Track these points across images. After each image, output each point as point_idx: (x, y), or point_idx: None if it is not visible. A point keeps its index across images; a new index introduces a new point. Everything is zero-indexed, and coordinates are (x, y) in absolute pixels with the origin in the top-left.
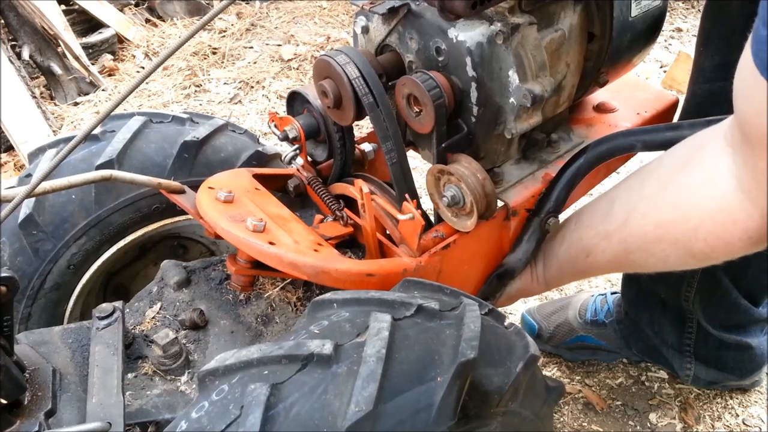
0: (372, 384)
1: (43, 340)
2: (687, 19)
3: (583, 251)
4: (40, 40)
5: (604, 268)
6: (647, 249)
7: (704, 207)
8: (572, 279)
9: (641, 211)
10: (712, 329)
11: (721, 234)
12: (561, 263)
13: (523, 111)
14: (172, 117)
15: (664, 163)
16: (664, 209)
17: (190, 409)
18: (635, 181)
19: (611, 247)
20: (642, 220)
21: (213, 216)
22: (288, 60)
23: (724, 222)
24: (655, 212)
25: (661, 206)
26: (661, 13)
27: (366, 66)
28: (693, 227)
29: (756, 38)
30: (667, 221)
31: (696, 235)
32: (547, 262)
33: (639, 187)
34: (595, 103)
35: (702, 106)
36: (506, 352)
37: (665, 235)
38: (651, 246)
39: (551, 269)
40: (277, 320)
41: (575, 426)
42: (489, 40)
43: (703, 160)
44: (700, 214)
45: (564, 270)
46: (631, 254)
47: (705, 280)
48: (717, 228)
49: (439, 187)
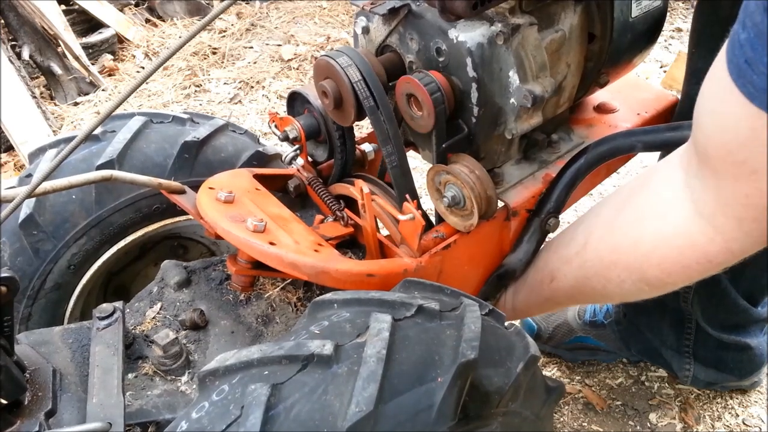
0: (372, 384)
1: (44, 340)
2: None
3: (548, 276)
4: (40, 40)
5: (567, 294)
6: (604, 274)
7: (657, 233)
8: (540, 308)
9: (597, 236)
10: (712, 330)
11: (677, 259)
12: (530, 287)
13: (523, 111)
14: (172, 117)
15: (624, 188)
16: (618, 234)
17: (191, 409)
18: (599, 206)
19: (572, 272)
20: (598, 245)
21: (213, 216)
22: (288, 60)
23: (680, 246)
24: (610, 237)
25: (615, 231)
26: (661, 14)
27: (368, 69)
28: (645, 252)
29: (732, 43)
30: (620, 246)
31: (649, 261)
32: (518, 286)
33: (598, 211)
34: (595, 103)
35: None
36: (506, 353)
37: (619, 260)
38: (607, 271)
39: (519, 294)
40: (278, 320)
41: (575, 426)
42: (489, 41)
43: (654, 185)
44: (652, 240)
45: (532, 295)
46: (589, 280)
47: (704, 281)
48: (672, 253)
49: (439, 187)
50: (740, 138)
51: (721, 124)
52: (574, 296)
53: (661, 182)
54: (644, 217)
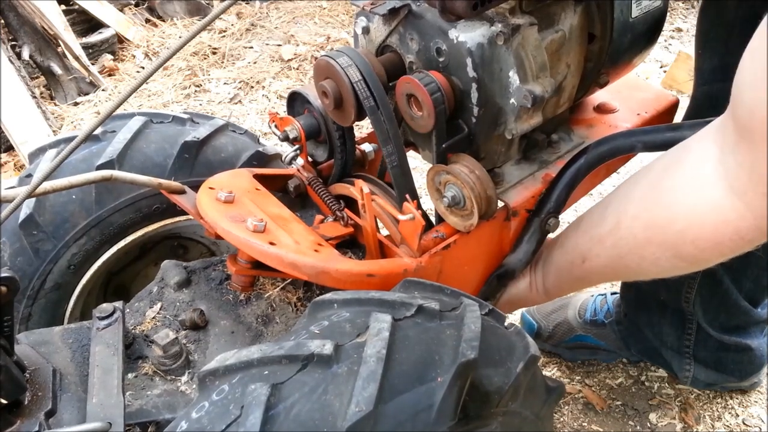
0: (372, 384)
1: (44, 340)
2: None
3: (579, 257)
4: (40, 40)
5: (601, 274)
6: (638, 252)
7: (691, 209)
8: (571, 288)
9: (631, 214)
10: (712, 331)
11: (710, 236)
12: (559, 270)
13: (523, 112)
14: (172, 117)
15: (655, 166)
16: (652, 212)
17: (191, 409)
18: (628, 184)
19: (605, 252)
20: (632, 223)
21: (213, 216)
22: (288, 60)
23: (714, 223)
24: (643, 215)
25: (649, 209)
26: (661, 14)
27: (368, 69)
28: (680, 230)
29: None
30: (654, 224)
31: (683, 238)
32: (546, 269)
33: (630, 190)
34: (595, 103)
35: (701, 108)
36: (506, 353)
37: (654, 237)
38: (641, 249)
39: (550, 276)
40: (278, 320)
41: (575, 426)
42: (490, 41)
43: (688, 163)
44: (686, 217)
45: (562, 278)
46: (623, 258)
47: (706, 282)
48: (706, 230)
49: (439, 187)
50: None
51: (764, 97)
52: (607, 274)
53: (694, 159)
54: (679, 194)
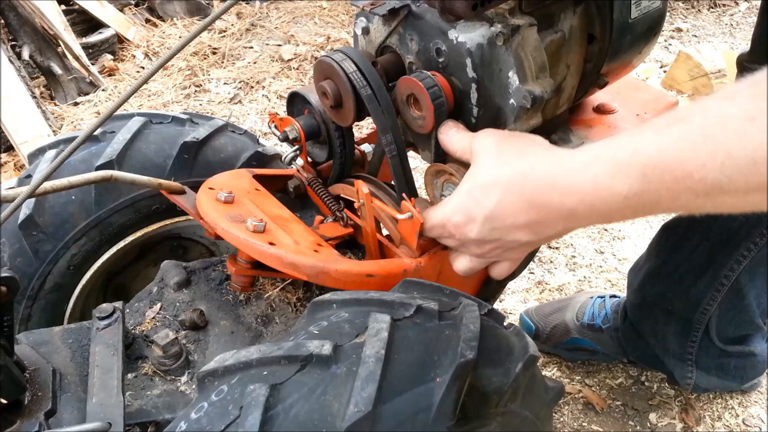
0: (371, 385)
1: (44, 340)
2: (687, 19)
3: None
4: (40, 40)
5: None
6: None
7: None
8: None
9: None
10: (718, 341)
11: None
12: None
13: (523, 112)
14: (171, 118)
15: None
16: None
17: (190, 409)
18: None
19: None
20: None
21: (213, 216)
22: (288, 60)
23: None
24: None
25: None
26: (660, 15)
27: (362, 60)
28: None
29: None
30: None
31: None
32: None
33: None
34: (595, 104)
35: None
36: (506, 353)
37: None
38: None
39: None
40: (277, 321)
41: (575, 426)
42: (489, 42)
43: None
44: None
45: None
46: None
47: (729, 296)
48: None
49: (437, 186)
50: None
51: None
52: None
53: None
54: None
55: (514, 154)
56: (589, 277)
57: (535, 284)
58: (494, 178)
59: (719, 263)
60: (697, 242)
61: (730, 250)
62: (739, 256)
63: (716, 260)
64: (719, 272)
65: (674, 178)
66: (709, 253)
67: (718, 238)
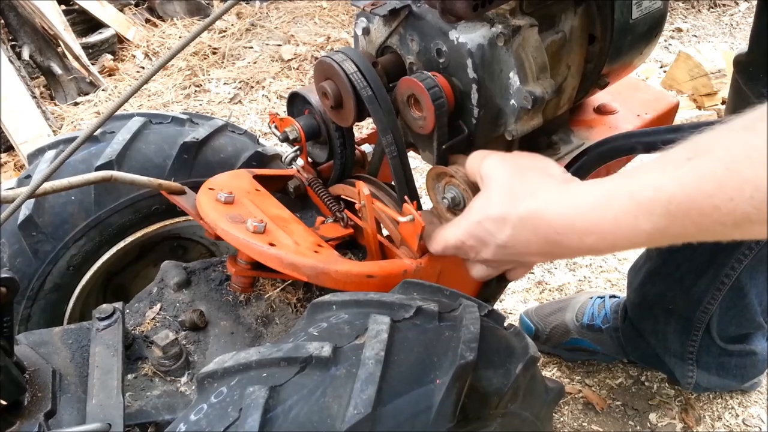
0: (371, 386)
1: (43, 340)
2: (687, 19)
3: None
4: (40, 40)
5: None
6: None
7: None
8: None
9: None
10: (719, 340)
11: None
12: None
13: (523, 113)
14: (171, 118)
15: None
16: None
17: (189, 411)
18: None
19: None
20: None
21: (213, 217)
22: (288, 60)
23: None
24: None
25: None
26: (661, 15)
27: (363, 61)
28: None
29: None
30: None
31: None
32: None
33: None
34: (595, 104)
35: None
36: (506, 354)
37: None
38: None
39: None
40: (277, 321)
41: (575, 426)
42: (490, 42)
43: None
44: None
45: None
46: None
47: (730, 295)
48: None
49: (439, 188)
50: None
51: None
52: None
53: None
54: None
55: (526, 189)
56: (589, 277)
57: (535, 284)
58: (505, 214)
59: (720, 262)
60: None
61: (731, 249)
62: (740, 255)
63: (717, 259)
64: (720, 271)
65: (701, 212)
66: (710, 252)
67: None
